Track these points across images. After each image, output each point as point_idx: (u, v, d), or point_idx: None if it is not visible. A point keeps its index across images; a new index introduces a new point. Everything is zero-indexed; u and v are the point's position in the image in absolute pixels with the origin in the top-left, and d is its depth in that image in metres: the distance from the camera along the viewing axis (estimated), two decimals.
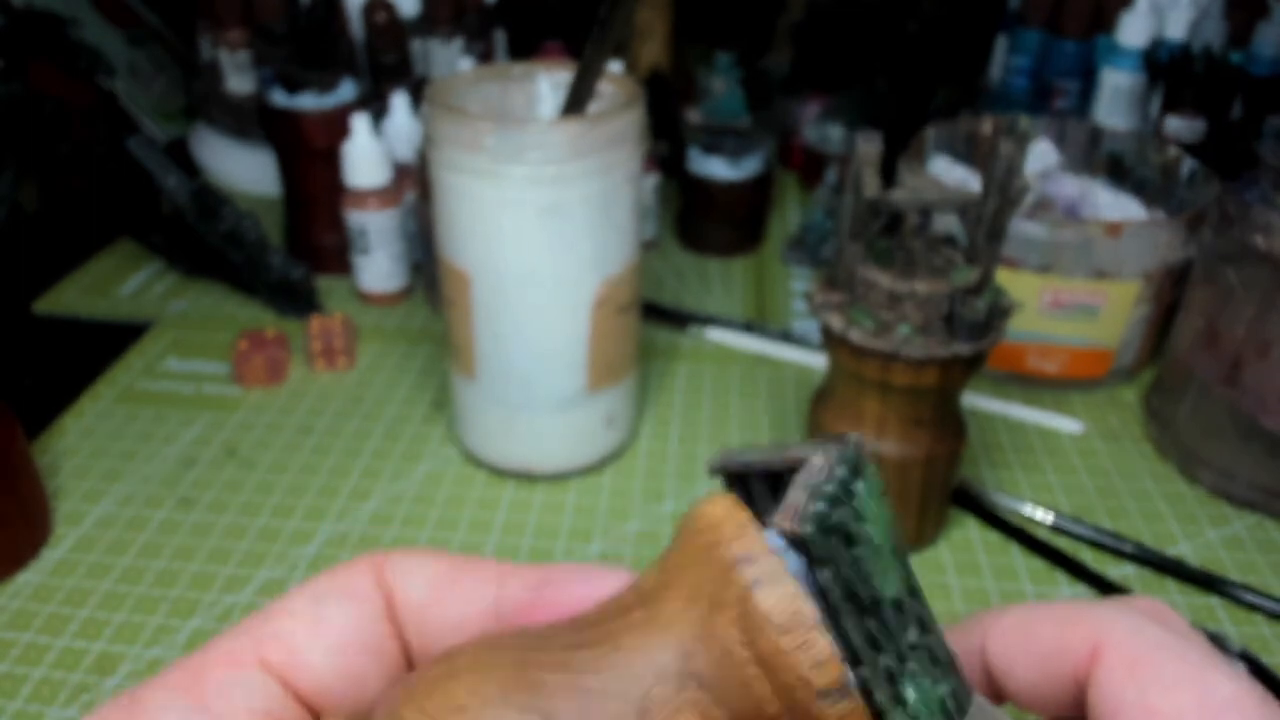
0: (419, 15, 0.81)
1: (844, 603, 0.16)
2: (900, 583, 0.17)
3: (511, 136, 0.44)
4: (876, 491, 0.17)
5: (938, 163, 0.66)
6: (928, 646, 0.17)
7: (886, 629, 0.16)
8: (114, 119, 0.85)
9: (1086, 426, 0.59)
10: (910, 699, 0.17)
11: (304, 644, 0.19)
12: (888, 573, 0.17)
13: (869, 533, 0.17)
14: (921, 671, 0.17)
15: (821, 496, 0.16)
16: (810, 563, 0.15)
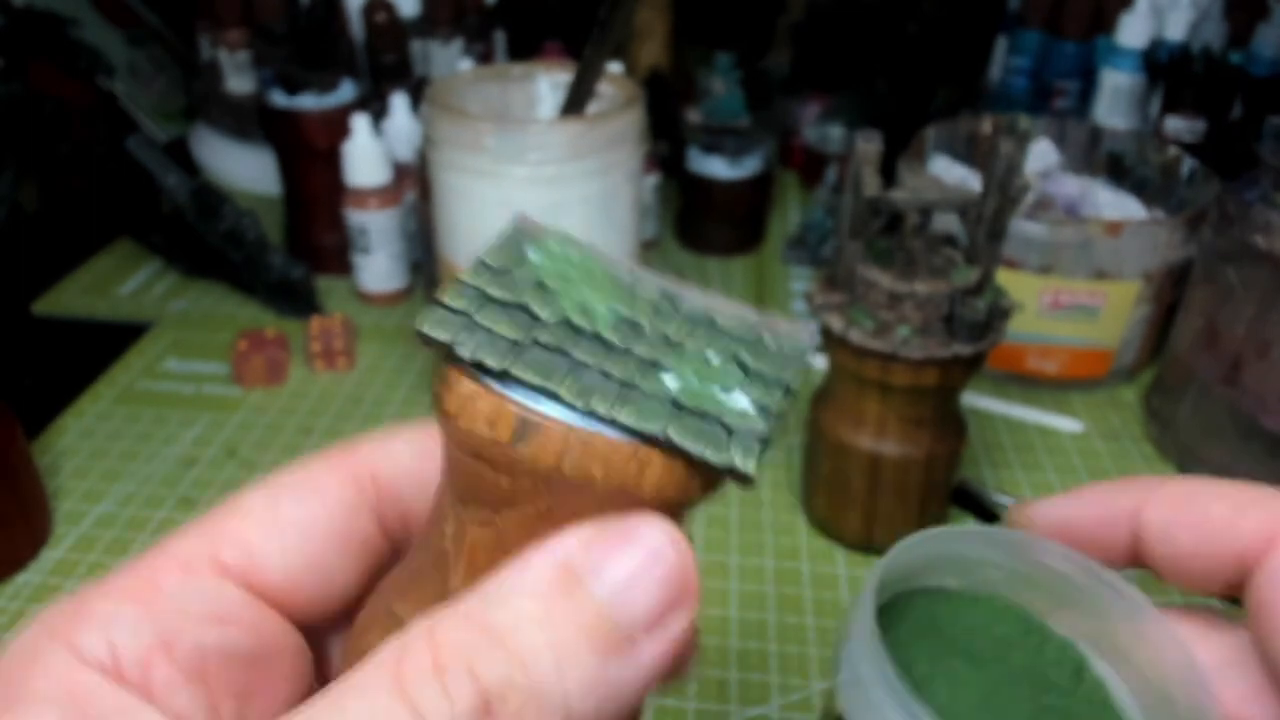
0: (419, 15, 0.81)
1: (518, 351, 0.18)
2: (631, 304, 0.19)
3: (511, 137, 0.44)
4: (559, 245, 0.20)
5: (938, 163, 0.66)
6: (709, 360, 0.19)
7: (605, 344, 0.18)
8: (114, 119, 0.85)
9: (1086, 426, 0.59)
10: (671, 387, 0.18)
11: (260, 543, 0.18)
12: (601, 301, 0.19)
13: (552, 280, 0.19)
14: (691, 370, 0.19)
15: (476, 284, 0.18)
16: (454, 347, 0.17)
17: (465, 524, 0.18)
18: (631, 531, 0.17)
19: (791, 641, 0.44)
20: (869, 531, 0.48)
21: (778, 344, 0.20)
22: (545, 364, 0.18)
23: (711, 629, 0.44)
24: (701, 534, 0.50)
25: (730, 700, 0.41)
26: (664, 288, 0.20)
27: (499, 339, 0.18)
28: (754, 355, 0.20)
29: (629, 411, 0.18)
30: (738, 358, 0.19)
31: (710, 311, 0.20)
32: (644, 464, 0.18)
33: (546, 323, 0.19)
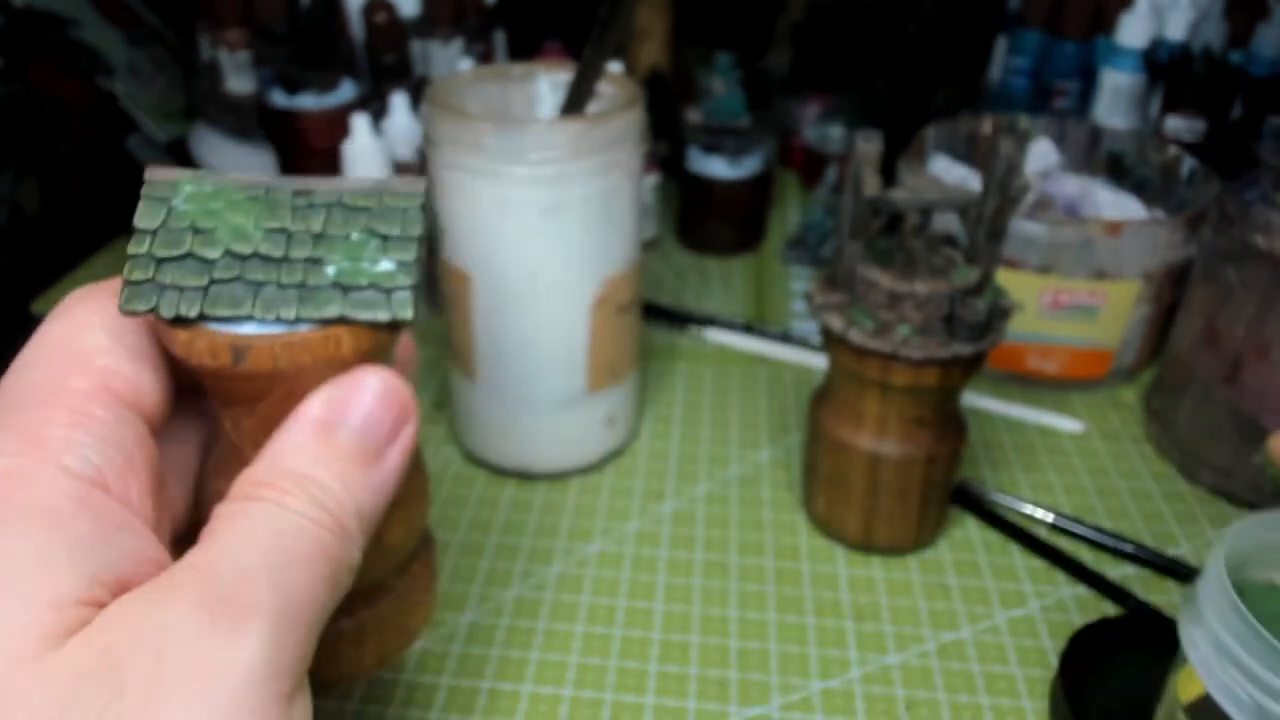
0: (419, 16, 0.81)
1: (205, 293, 0.23)
2: (274, 214, 0.25)
3: (512, 136, 0.44)
4: (195, 184, 0.25)
5: (938, 163, 0.66)
6: (353, 240, 0.25)
7: (267, 259, 0.24)
8: (114, 119, 0.85)
9: (1086, 426, 0.59)
10: (331, 273, 0.24)
11: (126, 370, 0.24)
12: (250, 222, 0.24)
13: (203, 220, 0.24)
14: (343, 255, 0.24)
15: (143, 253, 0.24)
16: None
17: (237, 418, 0.25)
18: (357, 381, 0.24)
19: (791, 641, 0.44)
20: (869, 531, 0.48)
21: (398, 203, 0.26)
22: (230, 296, 0.23)
23: (711, 629, 0.44)
24: (701, 534, 0.50)
25: (730, 700, 0.41)
26: (295, 186, 0.25)
27: (187, 290, 0.23)
28: (384, 222, 0.25)
29: (308, 309, 0.24)
30: (373, 230, 0.25)
31: (339, 194, 0.25)
32: (337, 340, 0.24)
33: (215, 260, 0.24)
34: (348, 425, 0.23)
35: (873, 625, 0.45)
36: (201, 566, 0.20)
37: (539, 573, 0.48)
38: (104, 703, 0.17)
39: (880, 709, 0.41)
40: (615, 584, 0.47)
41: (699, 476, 0.54)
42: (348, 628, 0.29)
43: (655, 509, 0.52)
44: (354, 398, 0.23)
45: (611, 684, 0.42)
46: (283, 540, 0.21)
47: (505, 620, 0.45)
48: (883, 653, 0.43)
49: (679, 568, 0.48)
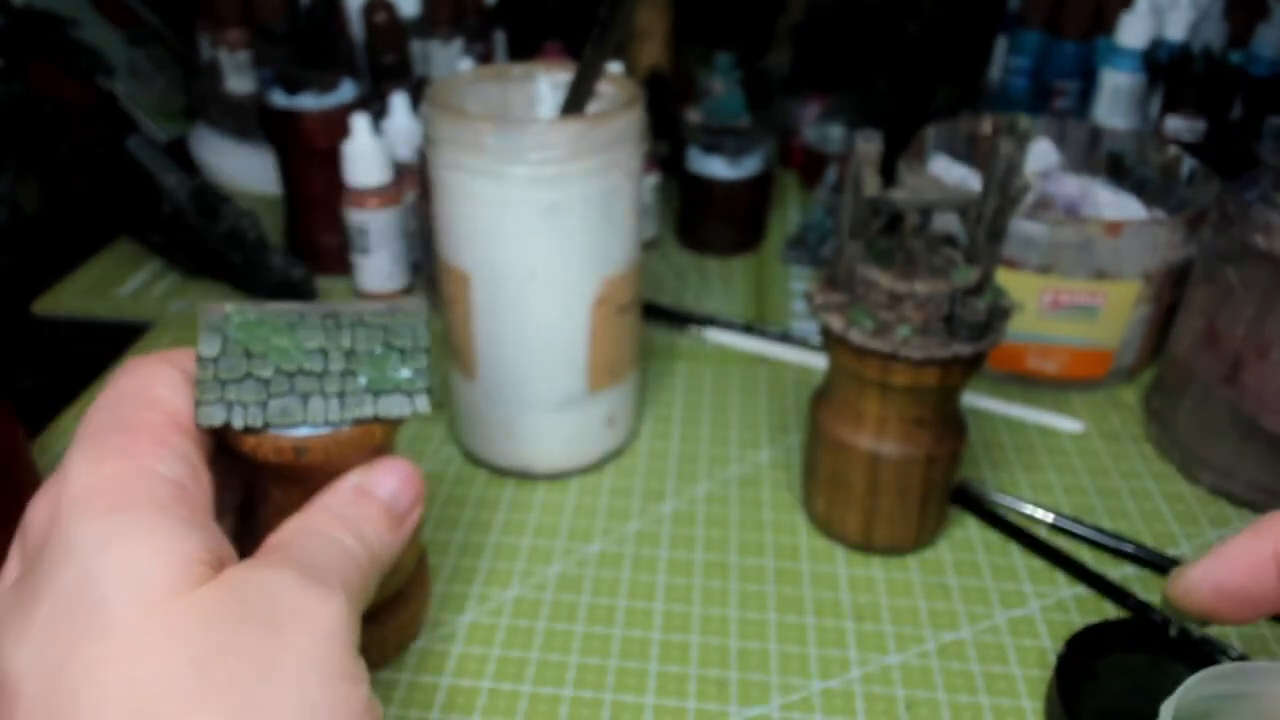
0: (419, 15, 0.81)
1: (265, 407, 0.30)
2: (309, 334, 0.31)
3: (512, 136, 0.44)
4: (239, 315, 0.31)
5: (938, 163, 0.66)
6: (377, 354, 0.32)
7: (310, 373, 0.31)
8: (114, 119, 0.85)
9: (1086, 426, 0.59)
10: (363, 382, 0.32)
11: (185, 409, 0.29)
12: (291, 343, 0.31)
13: (253, 345, 0.31)
14: (371, 367, 0.32)
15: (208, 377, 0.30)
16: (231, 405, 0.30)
17: (288, 492, 0.32)
18: (390, 464, 0.32)
19: (791, 641, 0.44)
20: (869, 531, 0.48)
21: (408, 320, 0.33)
22: (285, 408, 0.30)
23: (711, 629, 0.44)
24: (701, 534, 0.50)
25: (730, 700, 0.41)
26: (322, 310, 0.32)
27: (250, 405, 0.30)
28: (398, 336, 0.32)
29: (349, 412, 0.31)
30: (389, 343, 0.32)
31: (360, 315, 0.32)
32: (373, 434, 0.32)
33: (269, 379, 0.31)
34: (378, 494, 0.31)
35: (873, 625, 0.45)
36: (293, 551, 0.27)
37: (539, 573, 0.48)
38: (235, 626, 0.23)
39: (880, 709, 0.41)
40: (615, 584, 0.47)
41: (699, 476, 0.54)
42: (374, 627, 0.40)
43: (655, 509, 0.52)
44: (384, 477, 0.31)
45: (611, 684, 0.42)
46: (339, 550, 0.28)
47: (505, 620, 0.45)
48: (883, 653, 0.43)
49: (679, 568, 0.48)
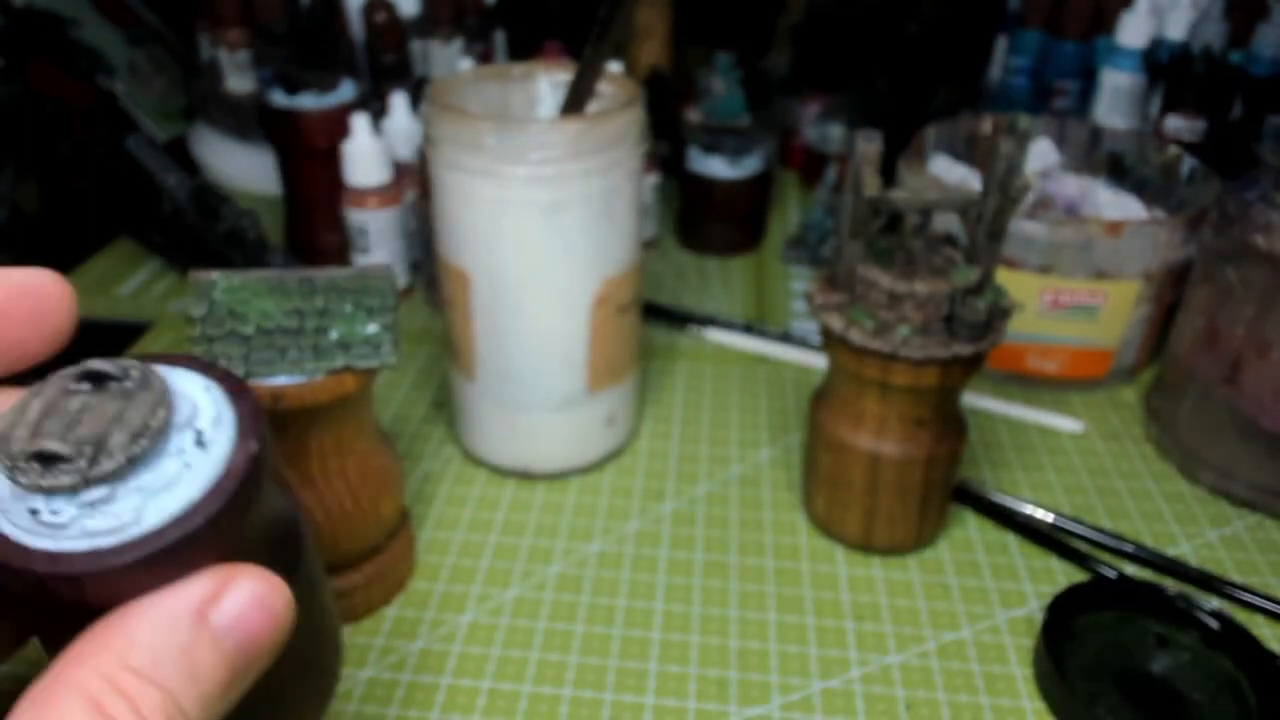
0: (419, 15, 0.81)
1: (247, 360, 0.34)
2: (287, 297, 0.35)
3: (512, 136, 0.44)
4: (225, 280, 0.34)
5: (938, 163, 0.66)
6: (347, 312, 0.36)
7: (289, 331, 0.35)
8: (114, 119, 0.85)
9: (1086, 426, 0.59)
10: (335, 337, 0.35)
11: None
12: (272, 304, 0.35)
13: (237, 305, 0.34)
14: (342, 324, 0.35)
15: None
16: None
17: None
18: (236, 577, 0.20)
19: (791, 641, 0.44)
20: (869, 531, 0.48)
21: (377, 282, 0.36)
22: (265, 360, 0.34)
23: (711, 629, 0.44)
24: (701, 534, 0.50)
25: (730, 700, 0.41)
26: (300, 276, 0.36)
27: (234, 358, 0.34)
28: (367, 296, 0.36)
29: (322, 364, 0.35)
30: (360, 303, 0.36)
31: (332, 279, 0.36)
32: (343, 382, 0.36)
33: (250, 336, 0.34)
34: (219, 622, 0.19)
35: (873, 625, 0.45)
36: None
37: (539, 573, 0.48)
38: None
39: (880, 709, 0.41)
40: (615, 584, 0.47)
41: (699, 476, 0.54)
42: (358, 580, 0.43)
43: (655, 509, 0.52)
44: (230, 595, 0.20)
45: (611, 684, 0.42)
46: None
47: (505, 620, 0.45)
48: (883, 653, 0.43)
49: (679, 568, 0.48)
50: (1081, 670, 0.41)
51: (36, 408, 0.18)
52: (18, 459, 0.18)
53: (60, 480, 0.17)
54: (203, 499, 0.18)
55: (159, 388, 0.19)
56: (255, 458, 0.19)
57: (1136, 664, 0.42)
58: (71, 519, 0.18)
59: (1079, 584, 0.44)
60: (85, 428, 0.18)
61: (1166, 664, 0.42)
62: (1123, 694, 0.41)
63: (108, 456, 0.18)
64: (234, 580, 0.19)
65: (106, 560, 0.17)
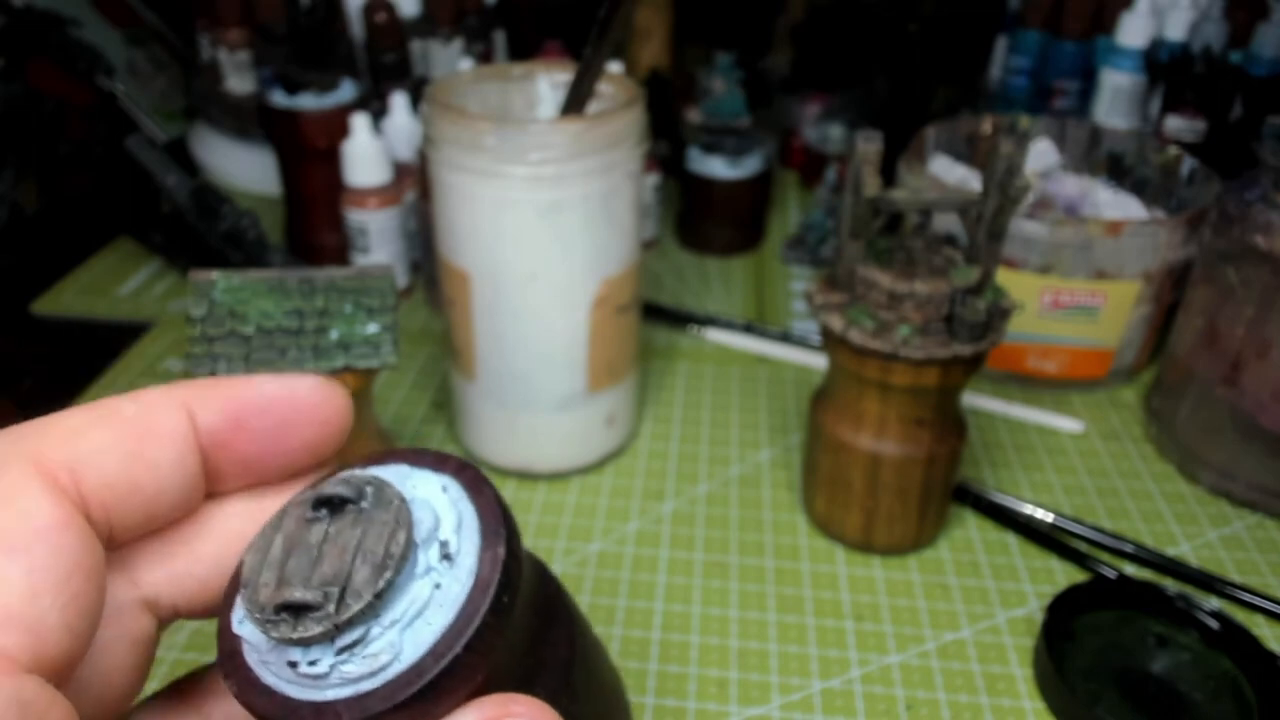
0: (419, 15, 0.81)
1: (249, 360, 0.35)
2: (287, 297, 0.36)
3: (511, 136, 0.44)
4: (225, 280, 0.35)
5: (938, 163, 0.66)
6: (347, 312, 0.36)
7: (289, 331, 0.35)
8: (114, 119, 0.85)
9: (1086, 426, 0.59)
10: (335, 337, 0.36)
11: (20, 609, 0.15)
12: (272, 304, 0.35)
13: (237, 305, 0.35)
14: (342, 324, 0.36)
15: None
16: None
17: None
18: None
19: (791, 641, 0.44)
20: (869, 531, 0.48)
21: (376, 282, 0.37)
22: (267, 361, 0.34)
23: (711, 629, 0.44)
24: (701, 534, 0.50)
25: (730, 700, 0.41)
26: (300, 275, 0.36)
27: (234, 359, 0.34)
28: (367, 296, 0.36)
29: (322, 364, 0.35)
30: (360, 303, 0.36)
31: (332, 279, 0.36)
32: (344, 381, 0.35)
33: (250, 336, 0.34)
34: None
35: (873, 625, 0.45)
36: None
37: None
38: None
39: (880, 709, 0.41)
40: (615, 584, 0.47)
41: (699, 476, 0.54)
42: None
43: (655, 509, 0.52)
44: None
45: None
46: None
47: None
48: (883, 653, 0.43)
49: (679, 568, 0.48)
50: (1081, 670, 0.41)
51: (279, 546, 0.17)
52: (267, 611, 0.16)
53: (311, 631, 0.16)
54: (456, 622, 0.16)
55: (396, 505, 0.17)
56: (505, 564, 0.17)
57: (1136, 664, 0.42)
58: (330, 667, 0.16)
59: (1079, 584, 0.44)
60: (327, 566, 0.17)
61: (1166, 664, 0.42)
62: (1123, 694, 0.41)
63: (355, 597, 0.16)
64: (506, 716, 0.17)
65: (371, 706, 0.16)
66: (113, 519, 0.17)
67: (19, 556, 0.15)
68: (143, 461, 0.18)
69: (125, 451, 0.17)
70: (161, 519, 0.19)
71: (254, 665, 0.17)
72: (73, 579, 0.16)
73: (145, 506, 0.18)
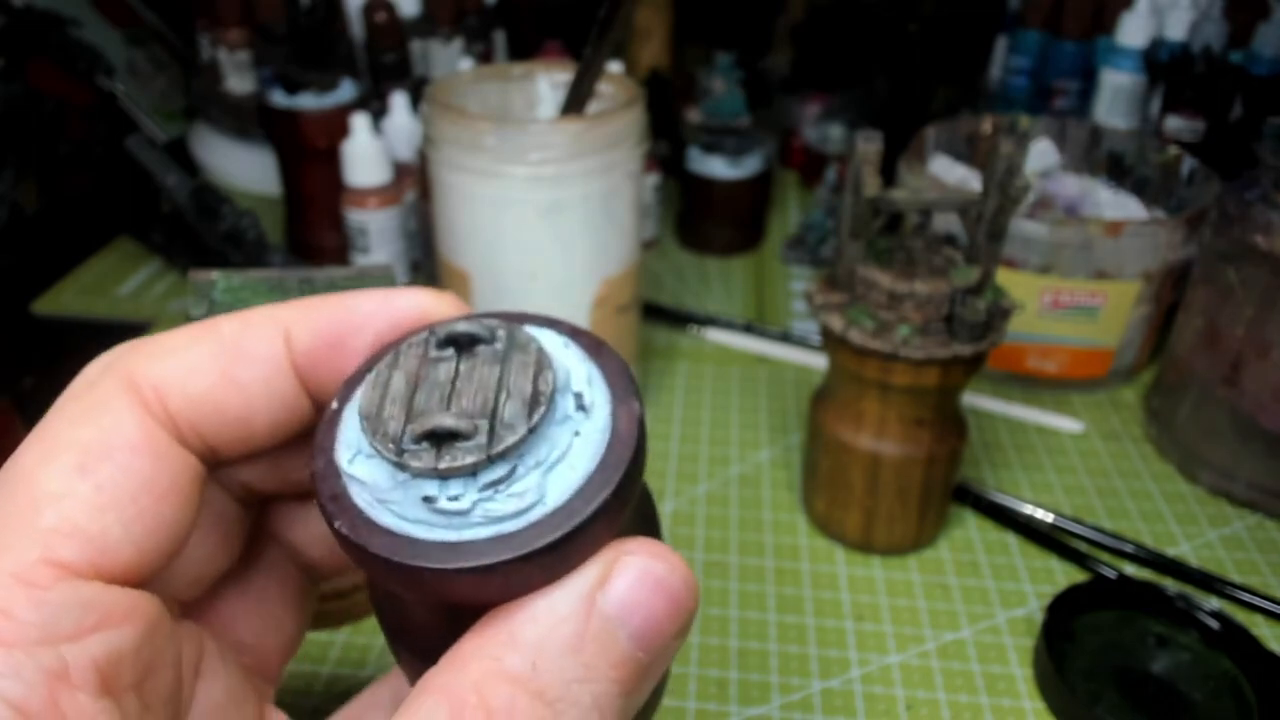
0: (419, 15, 0.81)
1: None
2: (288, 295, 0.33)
3: (512, 136, 0.44)
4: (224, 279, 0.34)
5: (938, 163, 0.66)
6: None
7: None
8: (114, 119, 0.85)
9: (1086, 426, 0.59)
10: None
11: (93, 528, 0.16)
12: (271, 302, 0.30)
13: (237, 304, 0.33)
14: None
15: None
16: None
17: None
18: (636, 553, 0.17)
19: (791, 641, 0.44)
20: (869, 531, 0.48)
21: (377, 281, 0.36)
22: None
23: (711, 629, 0.44)
24: (701, 534, 0.50)
25: (730, 700, 0.41)
26: (300, 275, 0.34)
27: None
28: None
29: None
30: None
31: (332, 279, 0.35)
32: None
33: None
34: (610, 609, 0.16)
35: (873, 625, 0.45)
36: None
37: None
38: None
39: (880, 709, 0.41)
40: None
41: (699, 476, 0.54)
42: (359, 579, 0.41)
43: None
44: (620, 576, 0.16)
45: None
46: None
47: None
48: (883, 653, 0.43)
49: None
50: (1081, 670, 0.41)
51: (400, 382, 0.16)
52: (402, 441, 0.15)
53: (462, 460, 0.15)
54: (600, 469, 0.16)
55: (534, 348, 0.16)
56: (641, 420, 0.16)
57: (1136, 664, 0.42)
58: (473, 503, 0.15)
59: (1079, 584, 0.44)
60: (467, 400, 0.16)
61: (1166, 664, 0.42)
62: (1123, 694, 0.41)
63: (508, 429, 0.15)
64: (623, 558, 0.16)
65: (519, 546, 0.15)
66: (206, 437, 0.18)
67: (90, 472, 0.16)
68: (232, 382, 0.18)
69: (215, 371, 0.18)
70: (261, 438, 0.19)
71: (365, 506, 0.16)
72: (141, 497, 0.17)
73: (236, 425, 0.18)
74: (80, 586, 0.16)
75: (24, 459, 0.17)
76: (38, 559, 0.15)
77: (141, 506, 0.17)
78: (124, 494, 0.17)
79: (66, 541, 0.16)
